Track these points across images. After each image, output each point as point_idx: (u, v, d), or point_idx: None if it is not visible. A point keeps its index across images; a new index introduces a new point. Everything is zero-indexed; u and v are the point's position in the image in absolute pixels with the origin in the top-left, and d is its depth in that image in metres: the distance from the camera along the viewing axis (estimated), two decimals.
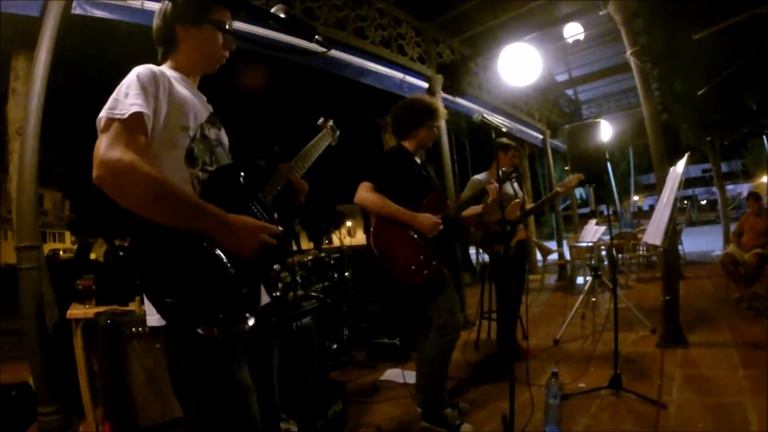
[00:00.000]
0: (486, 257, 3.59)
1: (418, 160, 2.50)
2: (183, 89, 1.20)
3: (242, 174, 1.23)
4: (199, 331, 1.02)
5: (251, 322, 1.09)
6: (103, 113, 1.05)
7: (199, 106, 1.24)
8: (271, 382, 1.34)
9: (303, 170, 1.44)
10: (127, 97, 1.05)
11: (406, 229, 2.27)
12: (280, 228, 1.19)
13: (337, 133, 1.66)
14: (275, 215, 1.26)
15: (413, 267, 2.22)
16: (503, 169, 2.55)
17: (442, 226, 2.28)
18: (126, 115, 1.03)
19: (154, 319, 1.09)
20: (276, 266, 1.25)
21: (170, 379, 1.12)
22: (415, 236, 2.27)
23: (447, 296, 2.31)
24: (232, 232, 1.08)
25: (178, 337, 1.09)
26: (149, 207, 1.01)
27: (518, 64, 4.54)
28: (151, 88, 1.09)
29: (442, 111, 2.47)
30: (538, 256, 7.93)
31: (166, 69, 1.21)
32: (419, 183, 2.40)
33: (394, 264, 2.23)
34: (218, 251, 1.08)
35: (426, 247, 2.27)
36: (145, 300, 1.08)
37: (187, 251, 1.04)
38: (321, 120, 1.66)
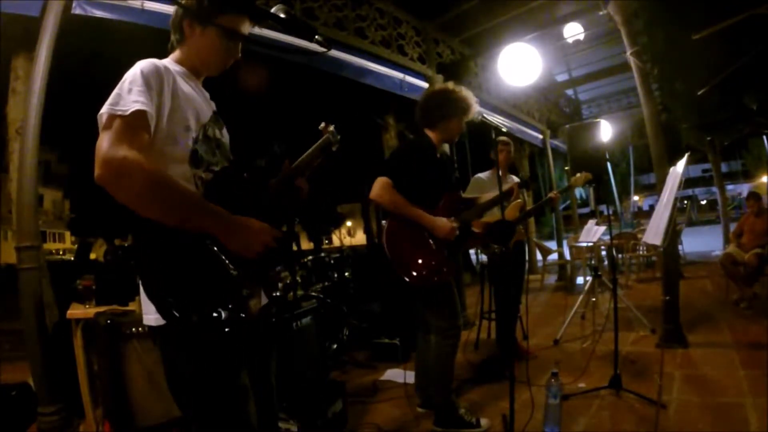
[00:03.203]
0: (485, 257, 3.59)
1: (439, 155, 2.35)
2: (187, 86, 1.18)
3: (246, 175, 1.21)
4: (199, 331, 1.01)
5: (248, 322, 1.08)
6: (104, 109, 1.02)
7: (202, 104, 1.22)
8: (270, 383, 1.33)
9: (304, 176, 1.43)
10: (130, 92, 1.02)
11: (421, 231, 2.18)
12: (284, 230, 1.18)
13: (338, 137, 1.64)
14: (277, 216, 1.25)
15: (424, 272, 2.15)
16: (521, 174, 2.49)
17: (458, 232, 2.20)
18: (128, 112, 1.00)
19: (151, 318, 1.07)
20: (278, 267, 1.24)
21: (166, 378, 1.11)
22: (430, 240, 2.19)
23: (449, 298, 2.27)
24: (237, 233, 1.07)
25: (176, 337, 1.07)
26: (154, 206, 0.99)
27: (518, 64, 4.53)
28: (154, 83, 1.07)
29: (476, 109, 2.28)
30: (538, 256, 7.93)
31: (170, 63, 1.19)
32: (438, 183, 2.29)
33: (405, 265, 2.15)
34: (220, 251, 1.07)
35: (439, 251, 2.20)
36: (143, 298, 1.07)
37: (189, 251, 1.03)
38: (322, 125, 1.63)
